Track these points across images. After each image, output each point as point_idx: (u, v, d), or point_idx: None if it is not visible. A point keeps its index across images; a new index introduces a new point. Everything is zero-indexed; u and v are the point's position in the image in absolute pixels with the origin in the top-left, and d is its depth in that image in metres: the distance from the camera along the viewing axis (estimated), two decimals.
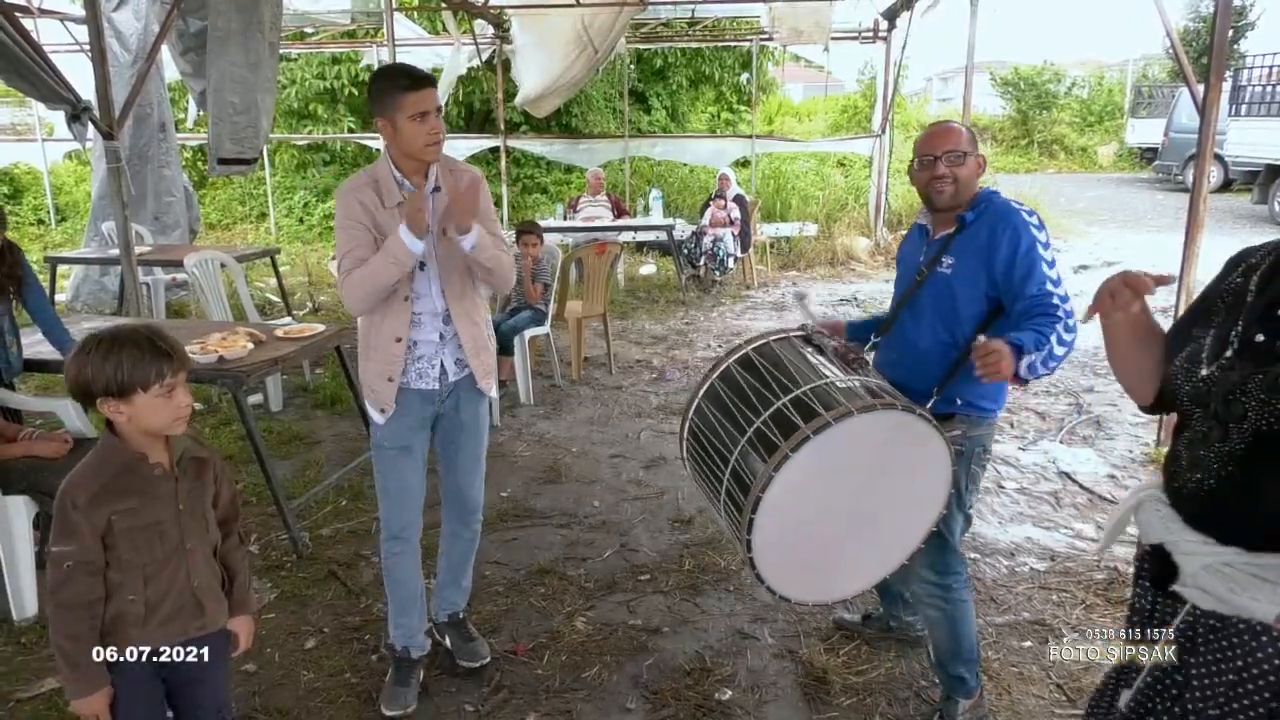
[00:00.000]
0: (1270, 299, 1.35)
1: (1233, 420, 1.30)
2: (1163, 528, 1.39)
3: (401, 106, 2.34)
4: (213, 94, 5.88)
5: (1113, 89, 24.64)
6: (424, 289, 2.56)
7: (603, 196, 9.35)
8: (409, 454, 2.67)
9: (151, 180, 7.53)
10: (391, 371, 2.57)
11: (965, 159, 2.34)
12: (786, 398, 2.07)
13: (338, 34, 11.80)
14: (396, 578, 2.77)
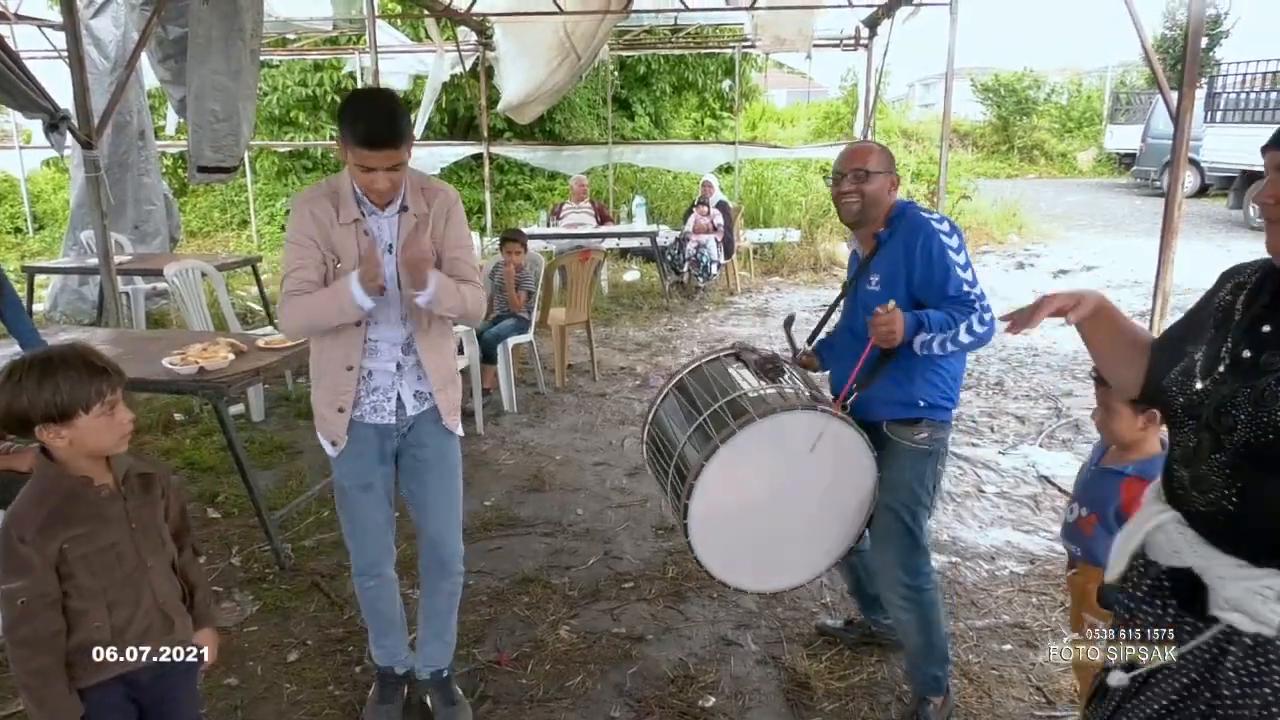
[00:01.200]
0: (1254, 316, 1.38)
1: (1224, 432, 1.33)
2: (1190, 552, 1.38)
3: (351, 151, 2.16)
4: (193, 101, 5.85)
5: (1091, 95, 24.92)
6: (382, 314, 2.36)
7: (586, 203, 9.37)
8: (370, 491, 2.50)
9: (131, 188, 7.49)
10: (342, 401, 2.38)
11: (871, 177, 2.47)
12: (706, 412, 2.40)
13: (320, 40, 11.78)
14: (374, 609, 2.67)
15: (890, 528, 2.52)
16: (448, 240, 2.40)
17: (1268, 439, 1.26)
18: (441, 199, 2.39)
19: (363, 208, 2.31)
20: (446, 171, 13.12)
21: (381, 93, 2.47)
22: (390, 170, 2.19)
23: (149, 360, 3.71)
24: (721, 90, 16.41)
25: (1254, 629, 1.30)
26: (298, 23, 10.61)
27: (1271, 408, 1.26)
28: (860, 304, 2.54)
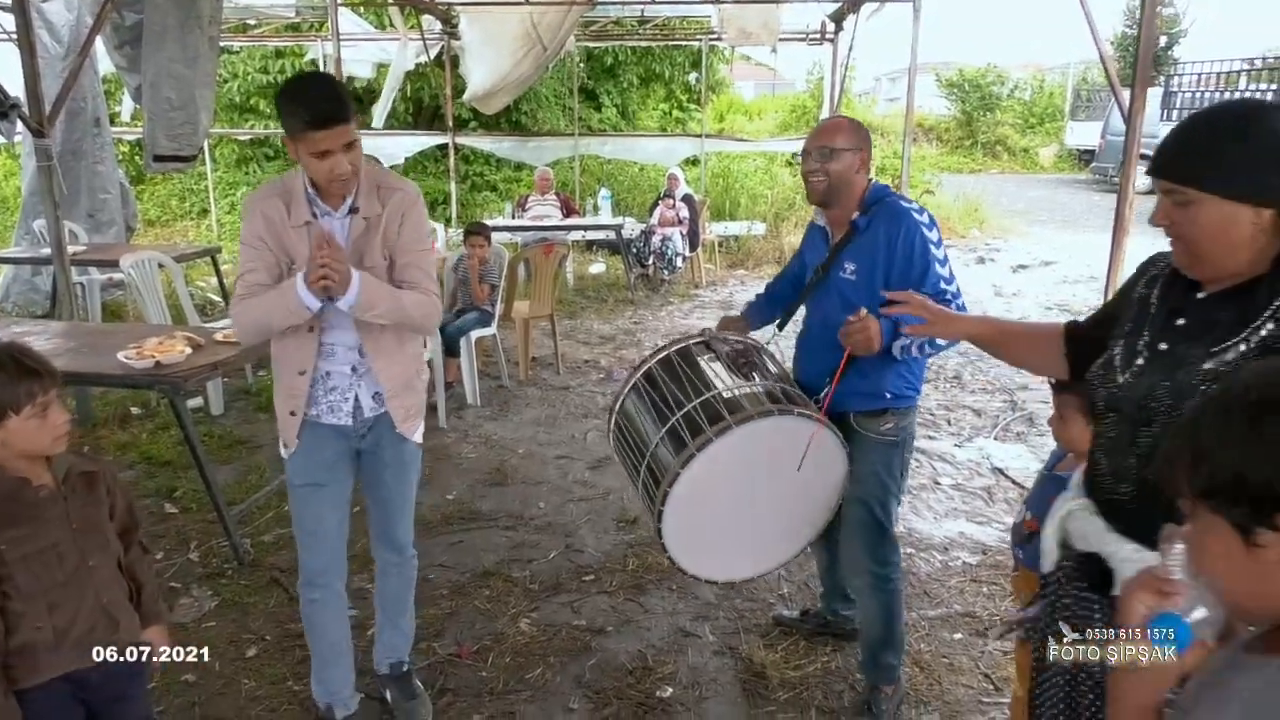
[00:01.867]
0: (1170, 309, 1.44)
1: (1143, 424, 1.38)
2: (1098, 539, 1.45)
3: (302, 140, 2.06)
4: (149, 89, 5.75)
5: (1053, 91, 25.25)
6: (337, 320, 2.28)
7: (551, 195, 9.34)
8: (320, 491, 2.42)
9: (85, 177, 7.34)
10: (294, 405, 2.33)
11: (837, 155, 2.39)
12: (679, 413, 2.39)
13: (281, 27, 11.59)
14: (316, 627, 2.55)
15: (860, 518, 2.55)
16: (401, 244, 2.29)
17: None
18: (398, 199, 2.29)
19: (315, 208, 2.23)
20: (411, 161, 13.00)
21: (317, 73, 2.45)
22: (348, 151, 2.10)
23: (104, 354, 3.66)
24: (689, 82, 16.43)
25: None
26: (258, 8, 10.45)
27: (1189, 400, 1.30)
28: (834, 291, 2.50)
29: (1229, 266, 1.35)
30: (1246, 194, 1.28)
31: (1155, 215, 1.38)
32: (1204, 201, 1.30)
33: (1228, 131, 1.30)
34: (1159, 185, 1.36)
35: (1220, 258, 1.34)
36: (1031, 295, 8.88)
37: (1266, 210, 1.29)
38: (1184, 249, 1.37)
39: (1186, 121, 1.37)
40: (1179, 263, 1.41)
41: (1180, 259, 1.40)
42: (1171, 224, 1.35)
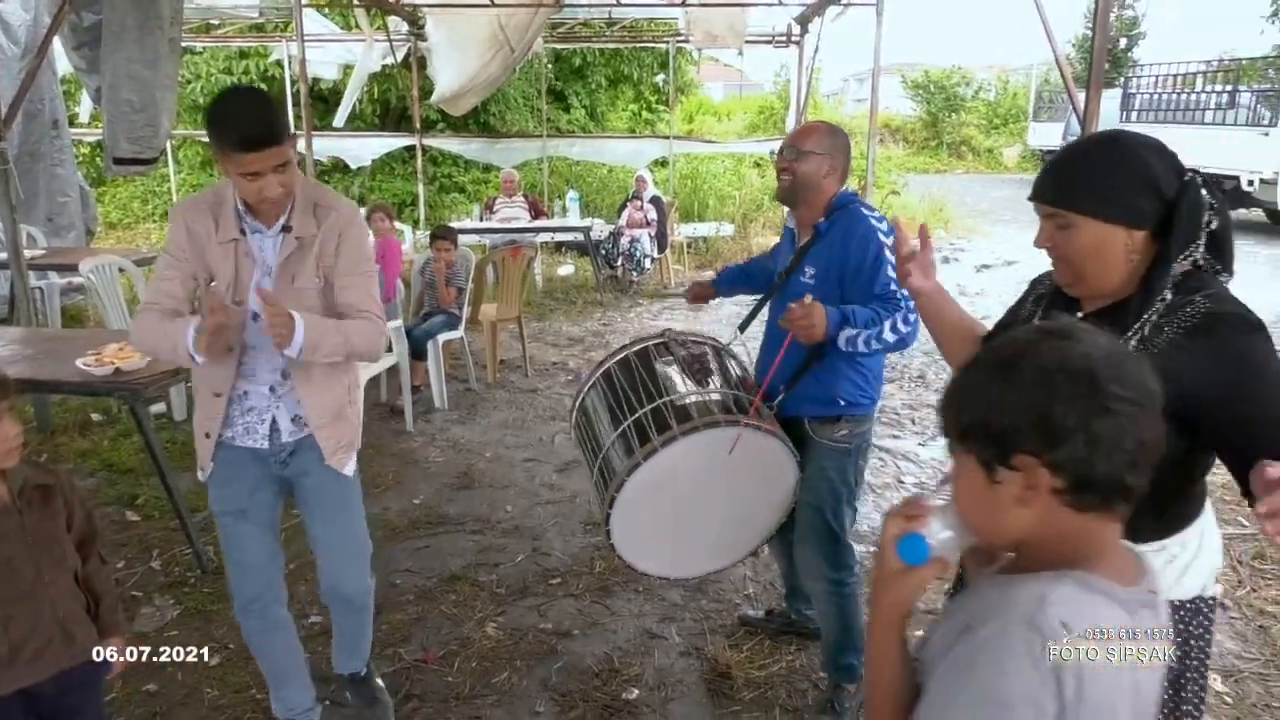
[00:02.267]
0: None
1: None
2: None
3: (230, 160, 1.96)
4: (108, 91, 5.68)
5: (1017, 92, 25.63)
6: (259, 340, 2.14)
7: (519, 197, 9.33)
8: (244, 519, 2.29)
9: (44, 180, 7.22)
10: (209, 426, 2.21)
11: (805, 157, 2.44)
12: (630, 418, 2.42)
13: (245, 27, 11.48)
14: (261, 653, 2.48)
15: (812, 524, 2.57)
16: (340, 266, 2.18)
17: None
18: (334, 218, 2.17)
19: (244, 224, 2.13)
20: (378, 163, 12.93)
21: (249, 90, 2.29)
22: (278, 172, 2.00)
23: (62, 361, 3.61)
24: (657, 84, 16.48)
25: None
26: (221, 9, 10.33)
27: None
28: (794, 294, 2.51)
29: (1106, 285, 1.43)
30: (1121, 217, 1.38)
31: (1039, 238, 1.46)
32: (1083, 225, 1.39)
33: (1103, 160, 1.39)
34: (1041, 210, 1.44)
35: (1098, 276, 1.42)
36: (995, 294, 9.01)
37: (1138, 232, 1.38)
38: (1066, 268, 1.45)
39: (1065, 150, 1.47)
40: (1061, 281, 1.48)
41: (1063, 278, 1.47)
42: (1054, 246, 1.43)
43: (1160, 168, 1.38)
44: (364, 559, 2.48)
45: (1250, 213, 13.77)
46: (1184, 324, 1.35)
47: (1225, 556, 3.71)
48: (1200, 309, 1.35)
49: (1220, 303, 1.36)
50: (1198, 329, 1.34)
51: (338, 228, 2.18)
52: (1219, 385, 1.30)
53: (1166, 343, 1.35)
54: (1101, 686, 0.91)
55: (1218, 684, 2.88)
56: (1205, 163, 12.82)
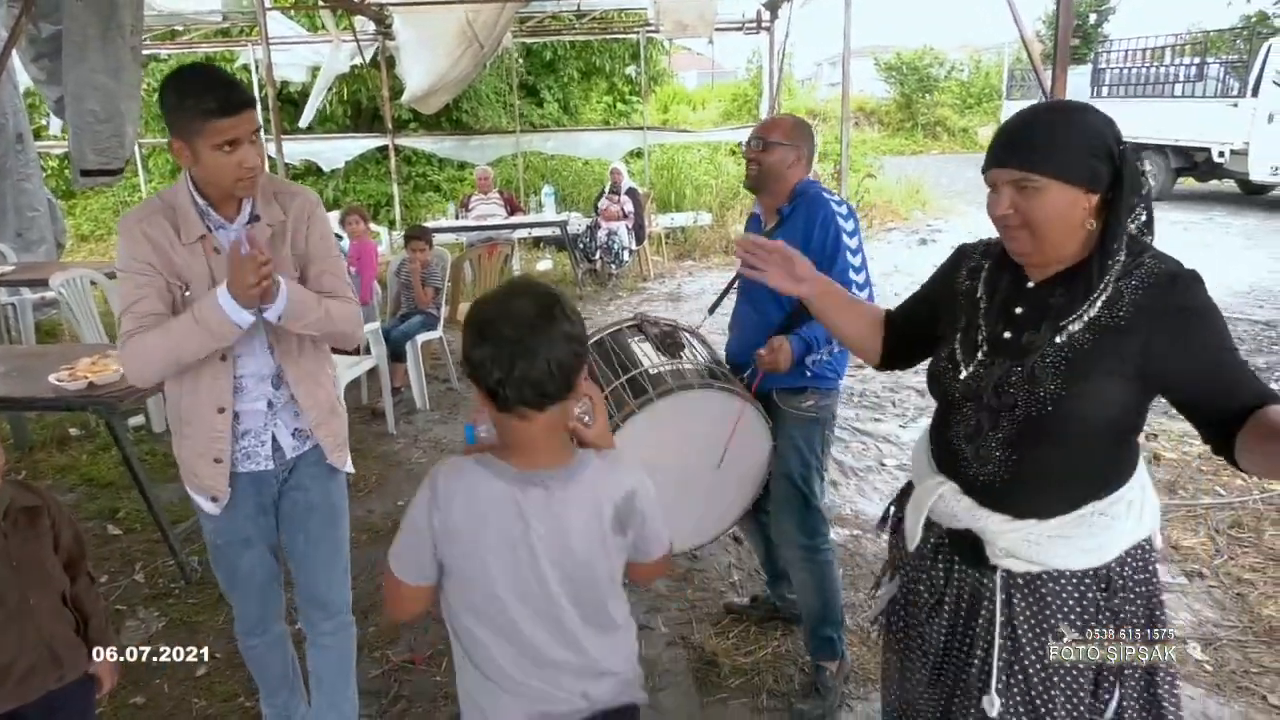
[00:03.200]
0: (1003, 299, 1.55)
1: (1004, 410, 1.48)
2: (968, 515, 1.54)
3: (205, 133, 1.84)
4: (71, 102, 5.62)
5: (990, 72, 25.74)
6: (245, 345, 2.04)
7: (495, 194, 9.30)
8: (251, 548, 2.20)
9: (11, 195, 7.13)
10: (219, 450, 2.06)
11: (770, 148, 2.57)
12: (606, 390, 2.45)
13: (210, 32, 11.36)
14: (260, 666, 2.41)
15: (786, 492, 2.64)
16: (311, 250, 2.11)
17: (1044, 411, 1.43)
18: (299, 202, 2.10)
19: (208, 221, 2.00)
20: (351, 165, 12.84)
21: (203, 64, 2.27)
22: (254, 140, 1.90)
23: (35, 377, 3.57)
24: (629, 75, 16.43)
25: (1023, 569, 1.52)
26: (185, 15, 10.23)
27: (1044, 382, 1.43)
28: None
29: (1064, 251, 1.46)
30: (1083, 179, 1.41)
31: (997, 207, 1.46)
32: (1049, 188, 1.40)
33: (1062, 125, 1.42)
34: (1003, 176, 1.44)
35: (1058, 242, 1.45)
36: None
37: (1093, 196, 1.42)
38: (1026, 236, 1.45)
39: (1021, 117, 1.47)
40: (1019, 250, 1.48)
41: (1020, 246, 1.47)
42: (1015, 212, 1.43)
43: (1108, 133, 1.42)
44: (347, 572, 2.39)
45: (1222, 184, 13.93)
46: (1143, 284, 1.41)
47: (1204, 525, 3.77)
48: (1154, 268, 1.42)
49: (1167, 261, 1.44)
50: (1157, 288, 1.40)
51: (305, 212, 2.11)
52: (1184, 339, 1.38)
53: (1131, 305, 1.40)
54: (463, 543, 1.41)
55: (1196, 652, 2.93)
56: (1176, 136, 12.98)
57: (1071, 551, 1.48)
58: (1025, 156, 1.42)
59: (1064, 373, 1.42)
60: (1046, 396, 1.42)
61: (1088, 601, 1.49)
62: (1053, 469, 1.47)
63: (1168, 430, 4.69)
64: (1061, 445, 1.45)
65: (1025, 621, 1.52)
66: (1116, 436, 1.48)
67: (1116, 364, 1.40)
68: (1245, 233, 11.03)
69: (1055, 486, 1.48)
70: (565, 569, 1.43)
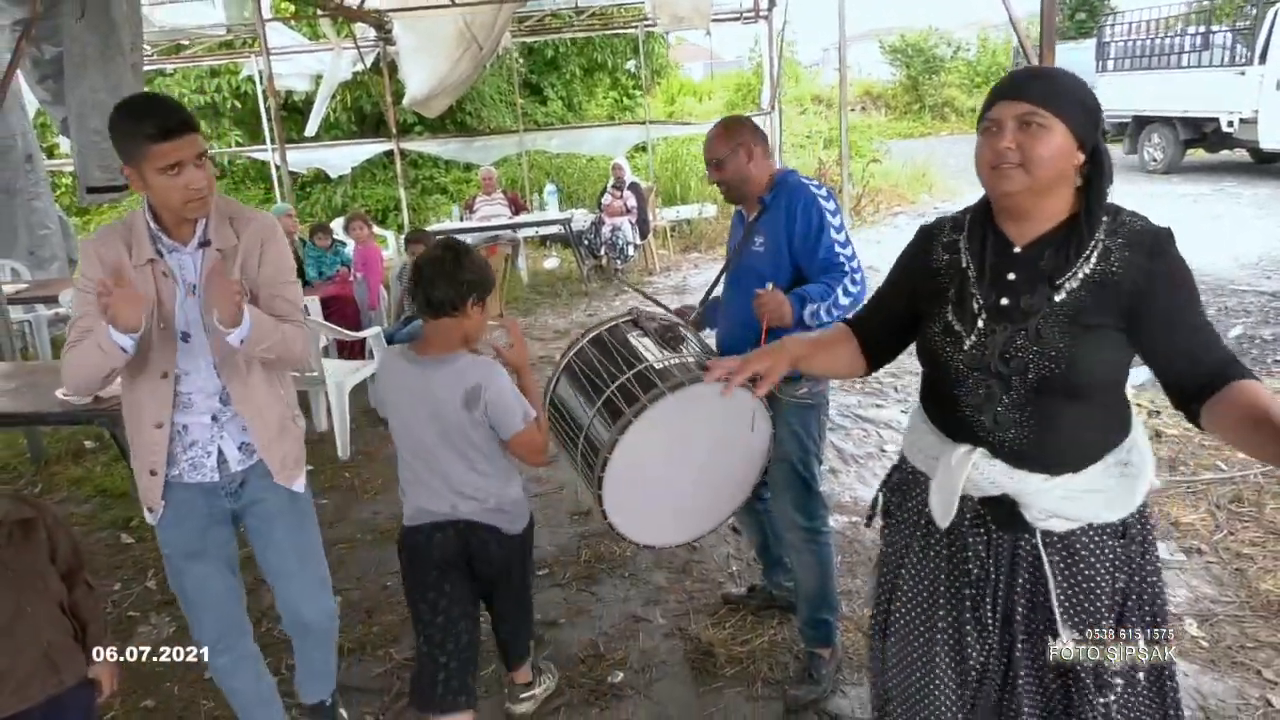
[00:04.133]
0: (994, 267, 1.58)
1: (1015, 374, 1.51)
2: (1005, 479, 1.57)
3: (149, 157, 1.91)
4: (75, 121, 5.70)
5: (997, 50, 25.49)
6: (191, 364, 2.11)
7: (499, 194, 9.37)
8: (201, 559, 2.22)
9: (22, 214, 7.26)
10: (154, 463, 2.12)
11: (725, 163, 2.63)
12: (614, 385, 2.43)
13: (214, 45, 11.49)
14: (233, 690, 2.40)
15: (786, 476, 2.68)
16: (263, 276, 2.15)
17: (1058, 370, 1.48)
18: (254, 228, 2.15)
19: (159, 245, 2.06)
20: (358, 171, 12.94)
21: (149, 93, 2.31)
22: (198, 162, 1.96)
23: (43, 392, 3.66)
24: (630, 69, 16.44)
25: (1064, 528, 1.57)
26: (188, 29, 10.34)
27: (1052, 342, 1.49)
28: (746, 264, 2.69)
29: (1050, 202, 1.51)
30: (1080, 132, 1.47)
31: (1000, 140, 1.46)
32: (1056, 128, 1.45)
33: (1073, 80, 1.51)
34: (1011, 110, 1.46)
35: (1050, 188, 1.49)
36: None
37: (1081, 155, 1.48)
38: (1022, 175, 1.46)
39: (1031, 68, 1.58)
40: (1008, 188, 1.48)
41: (1013, 184, 1.47)
42: (1016, 148, 1.45)
43: (1097, 106, 1.50)
44: (323, 580, 2.43)
45: (1234, 154, 13.76)
46: (1129, 241, 1.48)
47: (1204, 501, 3.76)
48: (1135, 225, 1.50)
49: (1146, 220, 1.52)
50: (1141, 245, 1.48)
51: (259, 238, 2.15)
52: (1165, 298, 1.46)
53: (1120, 261, 1.47)
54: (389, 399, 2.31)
55: (1193, 628, 2.93)
56: (1184, 107, 12.84)
57: (1106, 503, 1.55)
58: (1041, 93, 1.45)
59: (1069, 330, 1.48)
60: (1057, 355, 1.48)
61: (1108, 551, 1.57)
62: (1073, 424, 1.53)
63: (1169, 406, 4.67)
64: (1077, 400, 1.51)
65: (1063, 577, 1.58)
66: (1118, 387, 1.57)
67: (1114, 318, 1.47)
68: (1257, 202, 10.90)
69: (1079, 440, 1.54)
70: (439, 424, 2.23)
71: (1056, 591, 1.57)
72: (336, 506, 4.34)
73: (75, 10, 5.27)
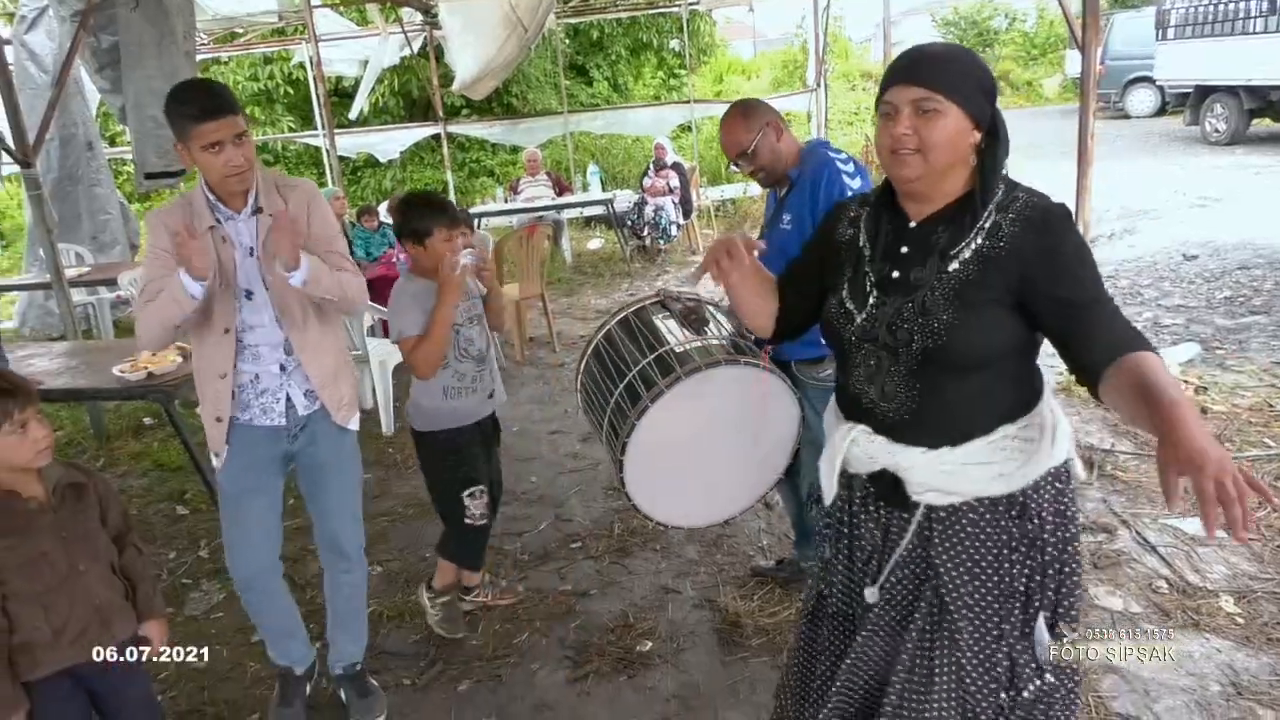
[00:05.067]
0: (887, 241, 1.60)
1: (901, 346, 1.52)
2: (884, 453, 1.59)
3: (193, 136, 2.12)
4: (132, 110, 5.90)
5: (1054, 20, 24.76)
6: (256, 319, 2.36)
7: (542, 175, 9.43)
8: (255, 496, 2.45)
9: (84, 200, 7.54)
10: (219, 410, 2.36)
11: (751, 156, 2.63)
12: (635, 369, 2.44)
13: (266, 33, 11.72)
14: (261, 618, 2.65)
15: (814, 459, 2.67)
16: (313, 235, 2.38)
17: (940, 342, 1.48)
18: (299, 194, 2.38)
19: (217, 214, 2.30)
20: (407, 155, 13.12)
21: (195, 78, 2.46)
22: (238, 143, 2.17)
23: (101, 370, 3.84)
24: (674, 48, 16.35)
25: (944, 501, 1.57)
26: (242, 18, 10.57)
27: (936, 314, 1.49)
28: (775, 244, 2.62)
29: (947, 182, 1.51)
30: (975, 111, 1.47)
31: (896, 125, 1.45)
32: (950, 112, 1.44)
33: (965, 58, 1.50)
34: (906, 95, 1.45)
35: (947, 167, 1.48)
36: None
37: (978, 133, 1.48)
38: (920, 160, 1.46)
39: (922, 48, 1.52)
40: (907, 175, 1.49)
41: (911, 170, 1.47)
42: (913, 133, 1.45)
43: (990, 78, 1.50)
44: (359, 517, 2.67)
45: None
46: (1020, 216, 1.47)
47: None
48: (1029, 201, 1.49)
49: (1041, 197, 1.51)
50: (1031, 222, 1.46)
51: (304, 202, 2.38)
52: (1055, 275, 1.44)
53: (1009, 236, 1.46)
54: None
55: (1229, 604, 2.89)
56: (1249, 75, 12.34)
57: (988, 477, 1.53)
58: (933, 77, 1.45)
59: (954, 302, 1.47)
60: (940, 327, 1.47)
61: (1001, 529, 1.55)
62: (956, 397, 1.52)
63: (1219, 383, 4.56)
64: (960, 372, 1.50)
65: (944, 553, 1.57)
66: (1016, 362, 1.54)
67: (1001, 293, 1.46)
68: None
69: (962, 414, 1.53)
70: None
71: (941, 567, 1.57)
72: (379, 481, 4.47)
73: (130, 0, 5.43)
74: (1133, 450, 3.97)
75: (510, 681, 2.85)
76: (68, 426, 5.56)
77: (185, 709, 2.84)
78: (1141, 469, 3.80)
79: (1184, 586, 3.00)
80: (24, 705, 1.92)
